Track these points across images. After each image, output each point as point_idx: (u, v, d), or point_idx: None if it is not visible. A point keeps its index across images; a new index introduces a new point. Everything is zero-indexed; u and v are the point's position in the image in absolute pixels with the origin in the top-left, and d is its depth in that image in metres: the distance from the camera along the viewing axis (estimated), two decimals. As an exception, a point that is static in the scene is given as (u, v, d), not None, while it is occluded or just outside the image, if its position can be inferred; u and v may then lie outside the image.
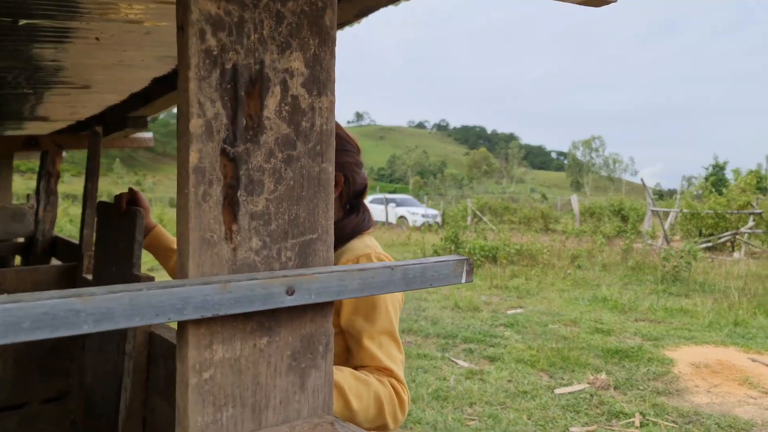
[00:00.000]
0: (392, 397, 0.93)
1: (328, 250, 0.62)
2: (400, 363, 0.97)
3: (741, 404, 3.75)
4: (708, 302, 6.65)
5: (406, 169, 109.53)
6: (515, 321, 5.77)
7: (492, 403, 3.65)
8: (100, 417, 1.32)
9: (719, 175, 42.52)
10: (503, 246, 9.92)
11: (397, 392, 0.93)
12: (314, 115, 0.60)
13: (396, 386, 0.94)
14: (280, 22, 0.58)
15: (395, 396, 0.93)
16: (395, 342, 0.98)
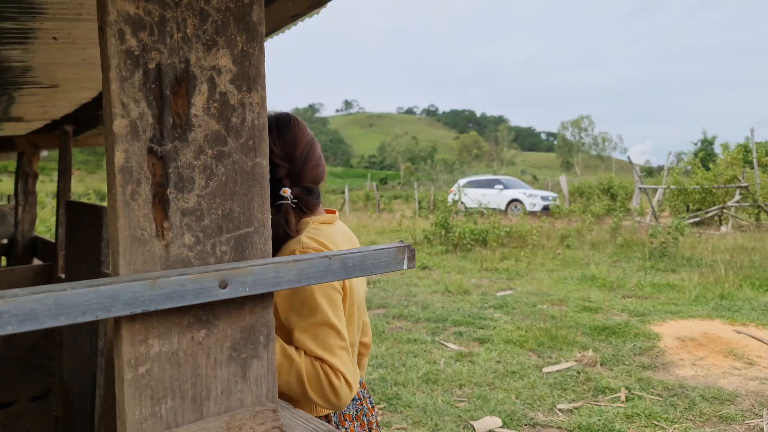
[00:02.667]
0: (320, 379, 0.98)
1: (265, 242, 0.63)
2: (340, 349, 1.01)
3: (726, 375, 3.83)
4: (695, 277, 6.74)
5: (396, 155, 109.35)
6: (504, 303, 5.83)
7: (481, 384, 3.71)
8: (78, 413, 1.34)
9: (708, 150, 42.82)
10: (493, 229, 9.97)
11: (328, 377, 0.98)
12: (245, 111, 0.61)
13: (327, 371, 0.98)
14: (204, 20, 0.58)
15: (325, 379, 0.98)
16: (333, 330, 1.01)
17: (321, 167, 1.20)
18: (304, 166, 1.15)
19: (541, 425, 3.14)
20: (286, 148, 1.14)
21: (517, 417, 3.20)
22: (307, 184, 1.16)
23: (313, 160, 1.17)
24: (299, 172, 1.15)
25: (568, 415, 3.24)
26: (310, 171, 1.16)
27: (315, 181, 1.18)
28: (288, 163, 1.14)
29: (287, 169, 1.14)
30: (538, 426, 3.13)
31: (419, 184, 32.80)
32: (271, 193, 1.15)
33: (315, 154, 1.18)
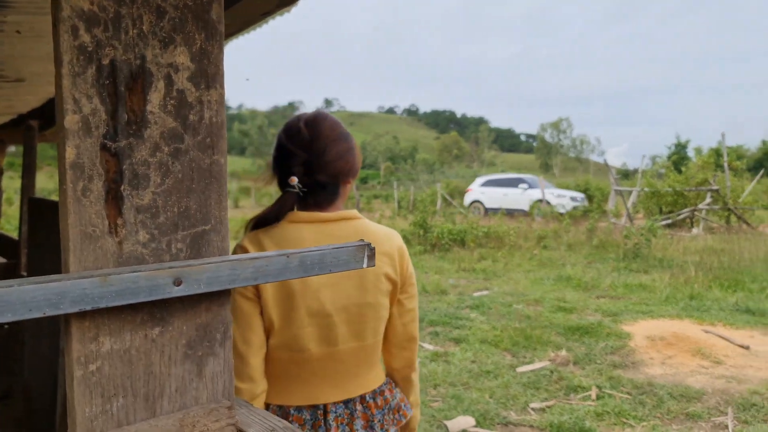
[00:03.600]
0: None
1: (222, 240, 0.63)
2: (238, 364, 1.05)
3: (693, 374, 3.93)
4: (666, 277, 6.89)
5: (376, 155, 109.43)
6: (481, 303, 5.89)
7: (455, 384, 3.74)
8: (38, 413, 1.32)
9: (682, 153, 43.87)
10: (471, 229, 10.05)
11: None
12: (203, 109, 0.61)
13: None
14: (161, 17, 0.58)
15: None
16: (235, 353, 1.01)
17: (342, 164, 1.17)
18: (321, 158, 1.14)
19: (514, 424, 3.18)
20: (307, 138, 1.15)
21: (490, 416, 3.23)
22: (322, 178, 1.15)
23: (332, 154, 1.15)
24: (316, 164, 1.14)
25: (541, 413, 3.29)
26: (329, 164, 1.15)
27: (333, 177, 1.16)
28: (306, 153, 1.14)
29: (304, 159, 1.14)
30: (510, 425, 3.17)
31: (399, 183, 32.87)
32: (281, 180, 1.16)
33: (338, 149, 1.16)
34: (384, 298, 1.17)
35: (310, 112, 1.21)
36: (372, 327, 1.17)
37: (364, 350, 1.17)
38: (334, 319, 1.13)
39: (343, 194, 1.21)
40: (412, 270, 1.24)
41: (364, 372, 1.19)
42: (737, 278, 6.78)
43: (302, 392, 1.14)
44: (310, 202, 1.16)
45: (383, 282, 1.16)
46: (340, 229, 1.16)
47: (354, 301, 1.14)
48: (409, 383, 1.30)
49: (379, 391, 1.21)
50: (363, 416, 1.17)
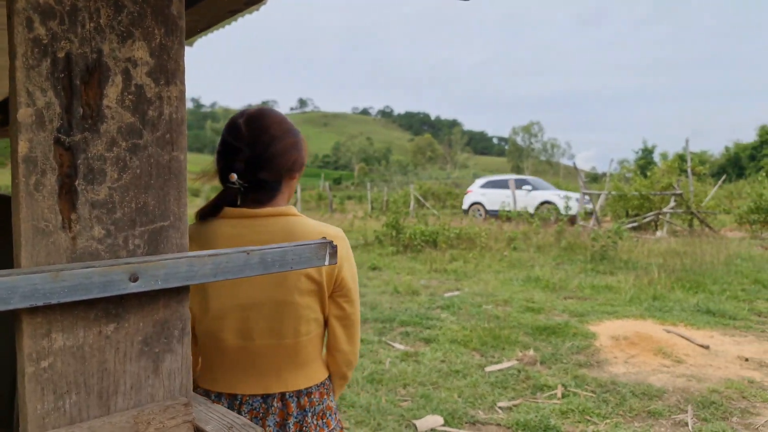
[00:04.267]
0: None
1: (182, 236, 0.63)
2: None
3: (655, 373, 4.04)
4: (630, 279, 7.08)
5: (350, 156, 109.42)
6: (452, 303, 5.94)
7: (425, 384, 3.76)
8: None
9: (648, 158, 45.18)
10: (443, 230, 10.13)
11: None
12: (162, 105, 0.61)
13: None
14: (119, 11, 0.58)
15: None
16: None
17: (285, 159, 1.17)
18: (262, 154, 1.14)
19: (482, 423, 3.22)
20: (248, 134, 1.15)
21: (458, 415, 3.27)
22: (263, 174, 1.15)
23: (274, 150, 1.15)
24: (257, 160, 1.14)
25: (508, 412, 3.34)
26: (270, 160, 1.14)
27: (275, 173, 1.16)
28: (247, 149, 1.14)
29: (245, 155, 1.14)
30: (478, 424, 3.21)
31: (373, 185, 32.91)
32: (222, 177, 1.17)
33: (280, 145, 1.16)
34: (305, 298, 1.15)
35: (253, 108, 1.21)
36: (292, 326, 1.16)
37: (283, 348, 1.16)
38: (249, 313, 1.14)
39: (286, 190, 1.21)
40: (348, 273, 1.22)
41: (286, 370, 1.18)
42: (699, 280, 7.01)
43: (223, 380, 1.16)
44: (250, 198, 1.16)
45: (304, 282, 1.14)
46: (270, 226, 1.15)
47: (271, 298, 1.13)
48: (344, 380, 1.32)
49: (306, 393, 1.20)
50: (279, 413, 1.16)
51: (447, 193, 25.46)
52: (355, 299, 1.24)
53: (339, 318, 1.23)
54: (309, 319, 1.18)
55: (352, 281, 1.22)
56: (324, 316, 1.22)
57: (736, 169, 41.94)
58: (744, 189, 17.67)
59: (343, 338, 1.25)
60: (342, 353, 1.26)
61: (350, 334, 1.26)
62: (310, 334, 1.20)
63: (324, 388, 1.25)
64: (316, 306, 1.18)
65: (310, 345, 1.20)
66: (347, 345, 1.26)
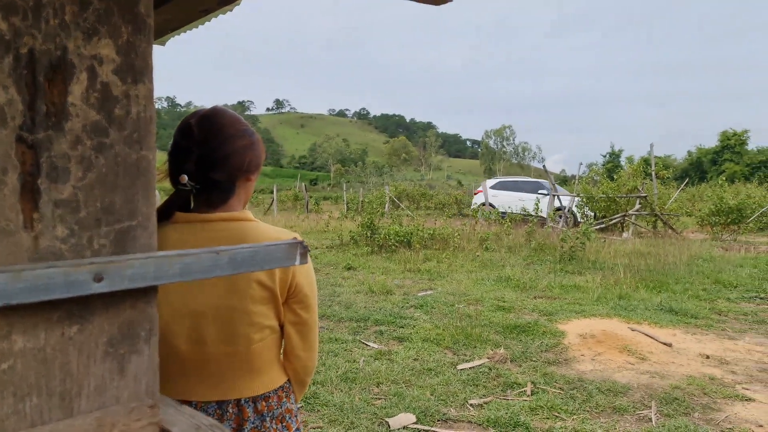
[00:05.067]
0: None
1: (150, 236, 0.62)
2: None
3: (620, 370, 4.15)
4: (598, 278, 7.25)
5: (327, 157, 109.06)
6: (425, 302, 5.98)
7: (398, 382, 3.78)
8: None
9: (615, 161, 46.34)
10: (417, 231, 10.19)
11: None
12: (130, 103, 0.60)
13: None
14: (85, 8, 0.57)
15: None
16: None
17: (238, 160, 1.14)
18: (214, 155, 1.11)
19: (453, 420, 3.25)
20: (200, 134, 1.12)
21: (431, 413, 3.29)
22: (215, 176, 1.12)
23: (226, 150, 1.12)
24: (208, 161, 1.11)
25: (479, 409, 3.38)
26: (222, 161, 1.12)
27: (228, 174, 1.13)
28: (199, 150, 1.11)
29: (196, 156, 1.11)
30: (450, 421, 3.25)
31: (349, 186, 32.85)
32: (172, 179, 1.14)
33: (233, 146, 1.13)
34: (257, 306, 1.13)
35: (206, 109, 1.18)
36: (243, 333, 1.14)
37: (237, 355, 1.14)
38: (201, 320, 1.12)
39: (241, 192, 1.18)
40: (305, 280, 1.20)
41: (241, 377, 1.17)
42: (662, 280, 7.22)
43: (176, 387, 1.14)
44: (203, 200, 1.14)
45: (255, 289, 1.12)
46: (219, 231, 1.13)
47: (222, 305, 1.12)
48: (302, 386, 1.30)
49: (263, 398, 1.19)
50: (235, 419, 1.15)
51: (421, 195, 25.61)
52: (312, 305, 1.22)
53: (295, 324, 1.21)
54: (262, 326, 1.16)
55: (308, 288, 1.20)
56: (279, 323, 1.20)
57: (698, 173, 43.41)
58: (705, 192, 18.30)
59: (300, 345, 1.23)
60: (299, 359, 1.24)
61: (306, 341, 1.24)
62: (265, 341, 1.17)
63: (283, 392, 1.23)
64: (270, 313, 1.16)
65: (265, 351, 1.18)
66: (303, 351, 1.24)
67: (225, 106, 1.29)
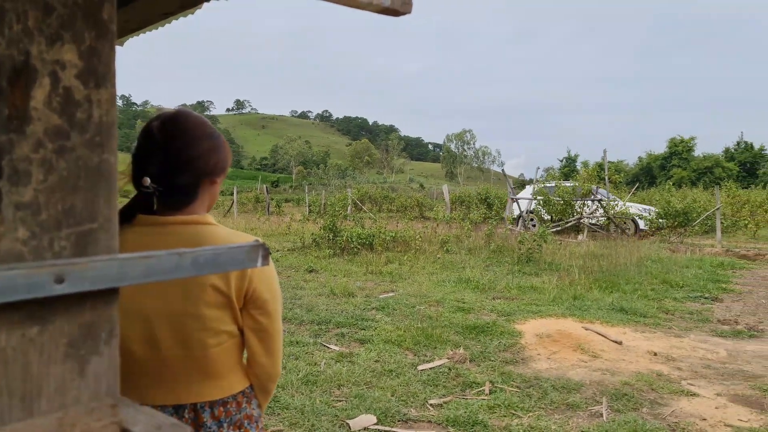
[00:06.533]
0: None
1: (111, 238, 0.63)
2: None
3: (574, 368, 4.30)
4: (553, 279, 7.48)
5: (289, 159, 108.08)
6: (386, 304, 6.03)
7: (359, 384, 3.81)
8: None
9: (571, 166, 47.79)
10: (379, 233, 10.24)
11: None
12: (92, 107, 0.61)
13: None
14: (48, 14, 0.58)
15: None
16: None
17: (202, 163, 1.14)
18: (177, 158, 1.12)
19: (414, 420, 3.30)
20: (163, 137, 1.12)
21: (391, 413, 3.33)
22: (179, 179, 1.12)
23: (190, 153, 1.13)
24: (172, 164, 1.11)
25: (438, 409, 3.44)
26: (186, 164, 1.12)
27: (192, 177, 1.14)
28: (162, 153, 1.11)
29: (159, 159, 1.11)
30: (410, 421, 3.29)
31: (311, 188, 32.63)
32: (135, 181, 1.14)
33: (197, 149, 1.14)
34: (212, 311, 1.12)
35: (170, 111, 1.18)
36: (198, 338, 1.13)
37: (192, 360, 1.14)
38: (153, 323, 1.12)
39: (206, 196, 1.18)
40: (264, 285, 1.18)
41: (198, 381, 1.16)
42: (614, 280, 7.52)
43: (133, 391, 1.13)
44: (165, 203, 1.13)
45: (209, 294, 1.11)
46: (177, 235, 1.13)
47: (175, 309, 1.11)
48: (265, 393, 1.29)
49: (221, 403, 1.18)
50: (192, 424, 1.14)
51: (384, 197, 25.70)
52: (272, 311, 1.20)
53: (254, 331, 1.19)
54: (218, 331, 1.14)
55: (268, 293, 1.19)
56: (238, 328, 1.19)
57: (648, 178, 45.29)
58: (654, 196, 19.11)
59: (260, 351, 1.21)
60: (260, 366, 1.23)
61: (268, 347, 1.22)
62: (222, 345, 1.16)
63: (243, 397, 1.22)
64: (227, 318, 1.15)
65: (223, 355, 1.17)
66: (265, 358, 1.22)
67: (184, 105, 1.29)
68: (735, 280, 8.24)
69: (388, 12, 0.97)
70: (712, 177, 39.82)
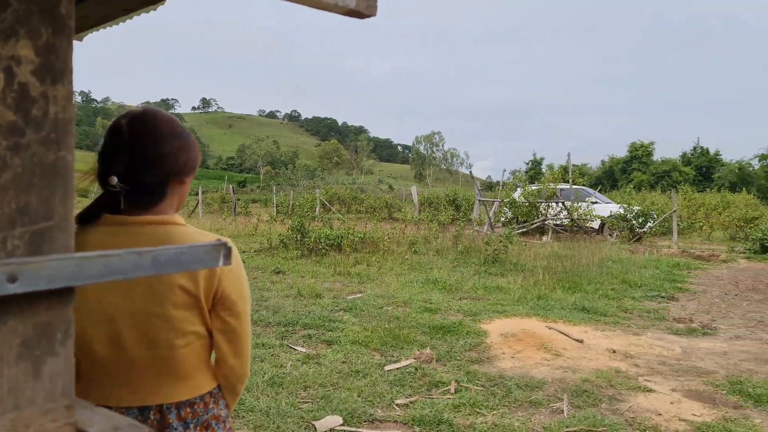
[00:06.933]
0: None
1: (67, 238, 0.62)
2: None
3: (537, 366, 4.40)
4: (519, 280, 7.63)
5: (256, 159, 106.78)
6: (354, 305, 6.03)
7: (325, 385, 3.80)
8: None
9: (537, 169, 48.80)
10: (347, 234, 10.23)
11: None
12: (48, 104, 0.60)
13: None
14: (3, 9, 0.56)
15: None
16: None
17: (171, 162, 1.13)
18: (144, 157, 1.11)
19: (380, 420, 3.32)
20: (130, 136, 1.11)
21: (357, 414, 3.34)
22: (146, 178, 1.11)
23: (158, 152, 1.12)
24: (139, 163, 1.10)
25: (404, 409, 3.47)
26: (153, 163, 1.11)
27: (160, 176, 1.13)
28: (129, 151, 1.10)
29: (126, 157, 1.10)
30: (376, 421, 3.31)
31: (279, 188, 32.30)
32: (101, 180, 1.12)
33: (166, 148, 1.13)
34: (180, 311, 1.12)
35: (138, 109, 1.17)
36: (165, 338, 1.12)
37: (160, 360, 1.13)
38: (118, 324, 1.11)
39: (175, 195, 1.18)
40: (232, 286, 1.18)
41: (165, 382, 1.15)
42: (576, 281, 7.72)
43: (96, 392, 1.12)
44: (133, 203, 1.12)
45: (177, 294, 1.11)
46: (144, 235, 1.12)
47: (141, 309, 1.10)
48: (234, 393, 1.29)
49: (188, 404, 1.17)
50: (157, 426, 1.14)
51: (353, 198, 25.67)
52: (241, 312, 1.20)
53: (223, 332, 1.19)
54: (186, 331, 1.14)
55: (236, 295, 1.18)
56: (206, 328, 1.18)
57: (610, 181, 46.63)
58: (615, 199, 19.69)
59: (229, 352, 1.21)
60: (229, 367, 1.23)
61: (236, 348, 1.22)
62: (190, 346, 1.16)
63: (211, 398, 1.21)
64: (195, 318, 1.14)
65: (191, 355, 1.17)
66: (234, 359, 1.22)
67: (147, 103, 1.28)
68: (690, 280, 8.58)
69: (353, 14, 0.98)
70: (669, 180, 41.28)
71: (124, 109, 1.29)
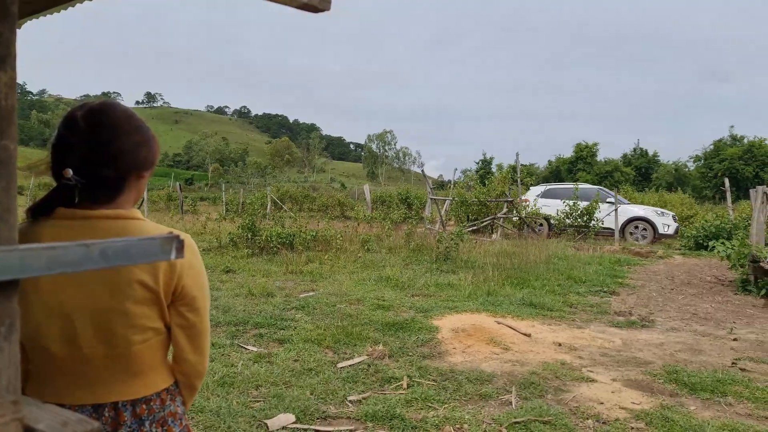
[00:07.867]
0: None
1: (10, 229, 0.60)
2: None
3: (486, 360, 4.51)
4: (469, 277, 7.79)
5: (204, 155, 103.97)
6: (307, 304, 5.99)
7: (277, 384, 3.76)
8: None
9: (487, 168, 49.92)
10: (299, 233, 10.14)
11: None
12: (-10, 90, 0.58)
13: None
14: (-60, -12, 0.54)
15: None
16: None
17: (129, 157, 1.11)
18: (101, 150, 1.08)
19: (333, 417, 3.32)
20: (87, 128, 1.08)
21: (310, 411, 3.33)
22: (103, 172, 1.09)
23: (116, 146, 1.10)
24: (95, 156, 1.08)
25: (357, 405, 3.48)
26: (111, 157, 1.09)
27: (117, 170, 1.11)
28: (85, 144, 1.07)
29: (82, 150, 1.07)
30: (329, 418, 3.31)
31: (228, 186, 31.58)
32: (55, 172, 1.09)
33: (124, 142, 1.11)
34: (139, 307, 1.11)
35: (96, 102, 1.15)
36: (122, 334, 1.11)
37: (115, 357, 1.12)
38: (74, 320, 1.08)
39: (132, 190, 1.16)
40: (193, 282, 1.17)
41: (120, 379, 1.13)
42: (524, 277, 7.97)
43: (49, 390, 1.10)
44: (89, 196, 1.10)
45: (136, 289, 1.09)
46: (100, 230, 1.10)
47: (99, 305, 1.09)
48: (191, 390, 1.28)
49: (144, 401, 1.16)
50: (111, 423, 1.12)
51: (305, 197, 25.45)
52: (201, 307, 1.20)
53: (182, 327, 1.19)
54: (144, 327, 1.13)
55: (197, 290, 1.18)
56: (165, 324, 1.17)
57: (557, 180, 48.29)
58: (562, 198, 20.38)
59: (188, 348, 1.21)
60: (187, 363, 1.22)
61: (195, 344, 1.22)
62: (147, 342, 1.14)
63: (167, 394, 1.20)
64: (153, 314, 1.14)
65: (148, 353, 1.15)
66: (193, 355, 1.22)
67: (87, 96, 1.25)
68: (630, 275, 9.03)
69: (308, 8, 0.98)
70: (612, 180, 43.13)
71: (62, 103, 1.25)
